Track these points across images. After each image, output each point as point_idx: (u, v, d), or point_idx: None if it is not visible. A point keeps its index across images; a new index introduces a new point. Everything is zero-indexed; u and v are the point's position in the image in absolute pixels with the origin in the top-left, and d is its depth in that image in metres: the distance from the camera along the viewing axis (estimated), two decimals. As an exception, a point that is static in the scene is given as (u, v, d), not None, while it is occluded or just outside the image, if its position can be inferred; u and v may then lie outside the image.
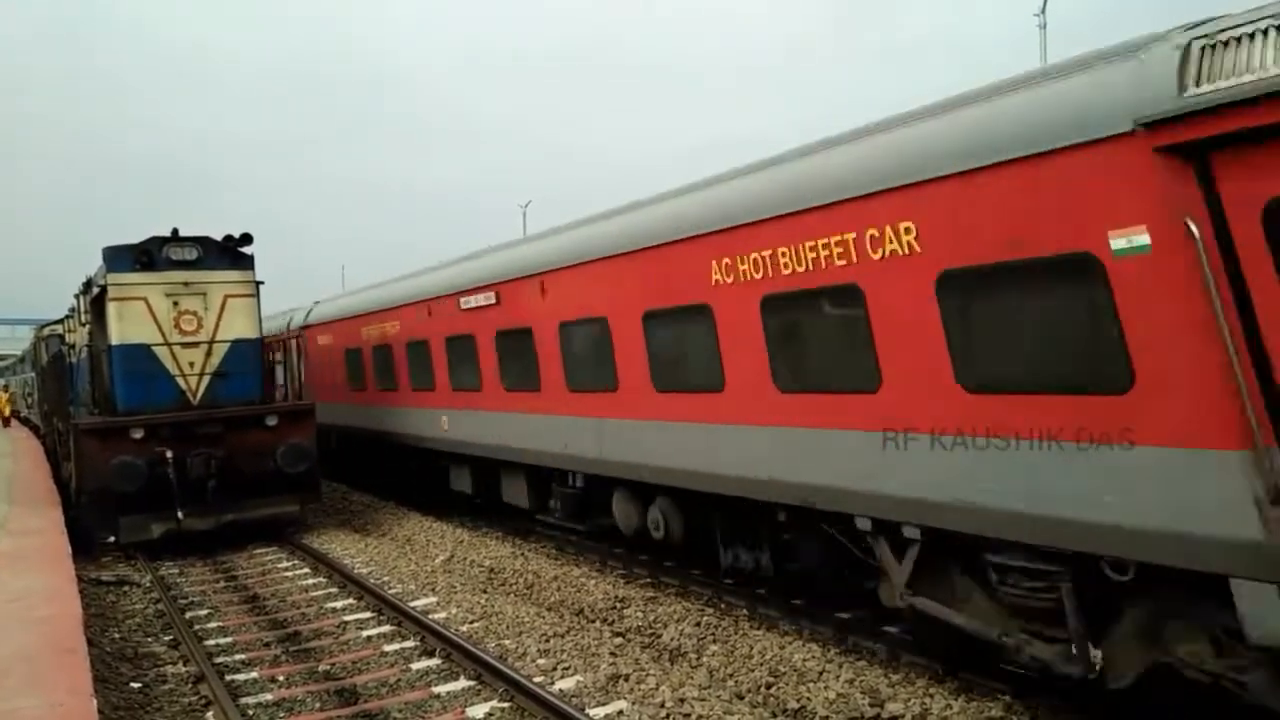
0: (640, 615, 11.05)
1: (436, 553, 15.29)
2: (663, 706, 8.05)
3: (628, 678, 8.80)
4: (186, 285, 17.12)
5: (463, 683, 9.17)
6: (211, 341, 17.22)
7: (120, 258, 16.89)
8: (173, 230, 17.29)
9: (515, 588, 12.96)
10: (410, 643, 10.57)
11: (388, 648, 10.43)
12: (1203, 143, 5.53)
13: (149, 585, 14.25)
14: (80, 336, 20.99)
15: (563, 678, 9.03)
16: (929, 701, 7.93)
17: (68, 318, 24.67)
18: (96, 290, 18.03)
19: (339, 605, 12.50)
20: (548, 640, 10.16)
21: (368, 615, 11.89)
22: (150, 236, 17.09)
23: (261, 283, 17.97)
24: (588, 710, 8.07)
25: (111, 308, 16.85)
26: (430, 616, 11.20)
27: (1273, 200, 5.33)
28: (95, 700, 7.11)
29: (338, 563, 14.68)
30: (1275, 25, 5.39)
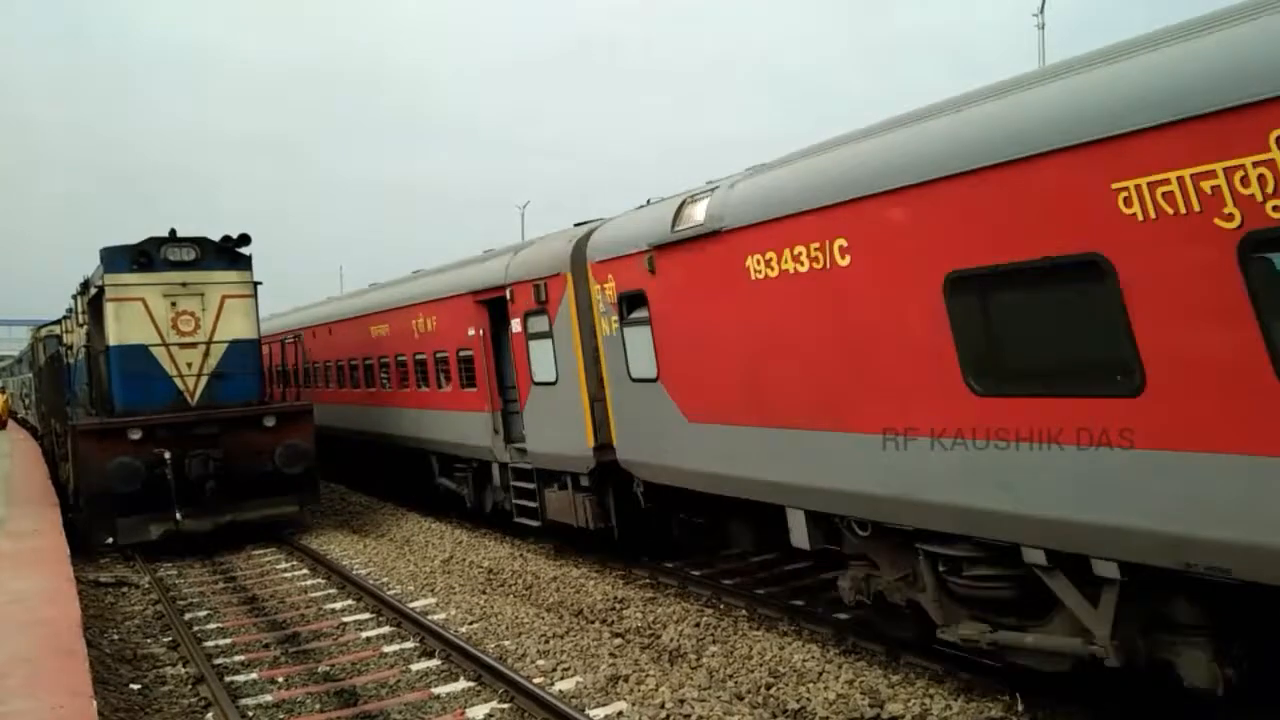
0: (639, 616, 11.06)
1: (435, 554, 15.29)
2: (662, 707, 8.05)
3: (627, 678, 8.80)
4: (184, 286, 17.10)
5: (462, 684, 9.17)
6: (209, 342, 17.21)
7: (118, 258, 16.87)
8: (170, 231, 17.28)
9: (514, 588, 12.96)
10: (410, 644, 10.57)
11: (387, 649, 10.43)
12: None
13: (148, 586, 14.24)
14: (78, 337, 20.98)
15: (562, 678, 9.03)
16: (929, 702, 7.94)
17: (65, 319, 24.64)
18: (94, 291, 18.01)
19: (338, 606, 12.49)
20: (547, 641, 10.16)
21: (367, 616, 11.88)
22: (148, 237, 17.09)
23: (259, 283, 17.98)
24: (588, 711, 8.08)
25: (109, 308, 16.84)
26: (430, 617, 11.20)
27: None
28: (95, 702, 7.10)
29: (337, 564, 14.67)
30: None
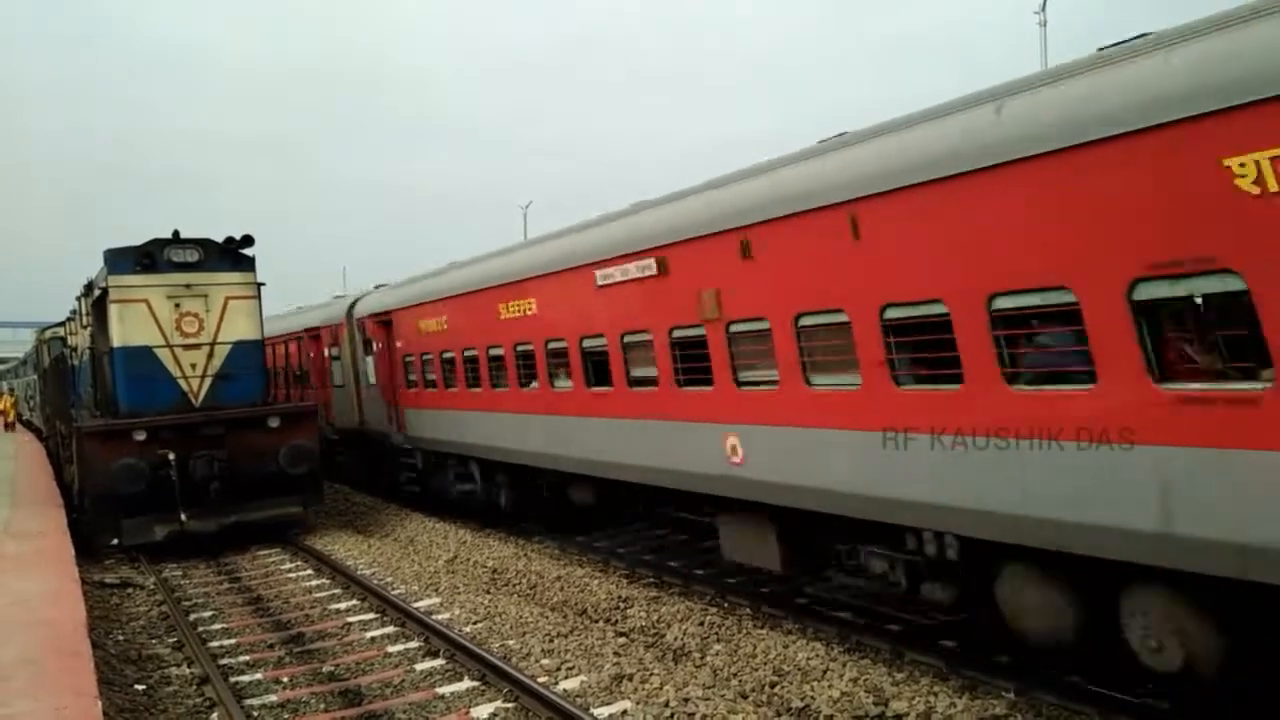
0: (644, 615, 11.05)
1: (439, 554, 15.29)
2: (667, 706, 8.05)
3: (632, 677, 8.80)
4: (188, 287, 17.14)
5: (467, 683, 9.17)
6: (213, 343, 17.24)
7: (122, 260, 16.91)
8: (174, 232, 17.32)
9: (518, 588, 12.96)
10: (414, 643, 10.57)
11: (392, 649, 10.44)
12: None
13: (152, 587, 14.27)
14: (82, 339, 21.03)
15: (567, 678, 9.03)
16: (933, 700, 7.92)
17: (69, 320, 24.71)
18: (98, 293, 18.05)
19: (342, 606, 12.50)
20: (551, 640, 10.16)
21: (371, 616, 11.89)
22: (151, 239, 17.13)
23: (263, 284, 18.01)
24: (592, 710, 8.07)
25: (113, 310, 16.87)
26: (434, 617, 11.21)
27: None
28: (100, 703, 7.12)
29: (341, 564, 14.69)
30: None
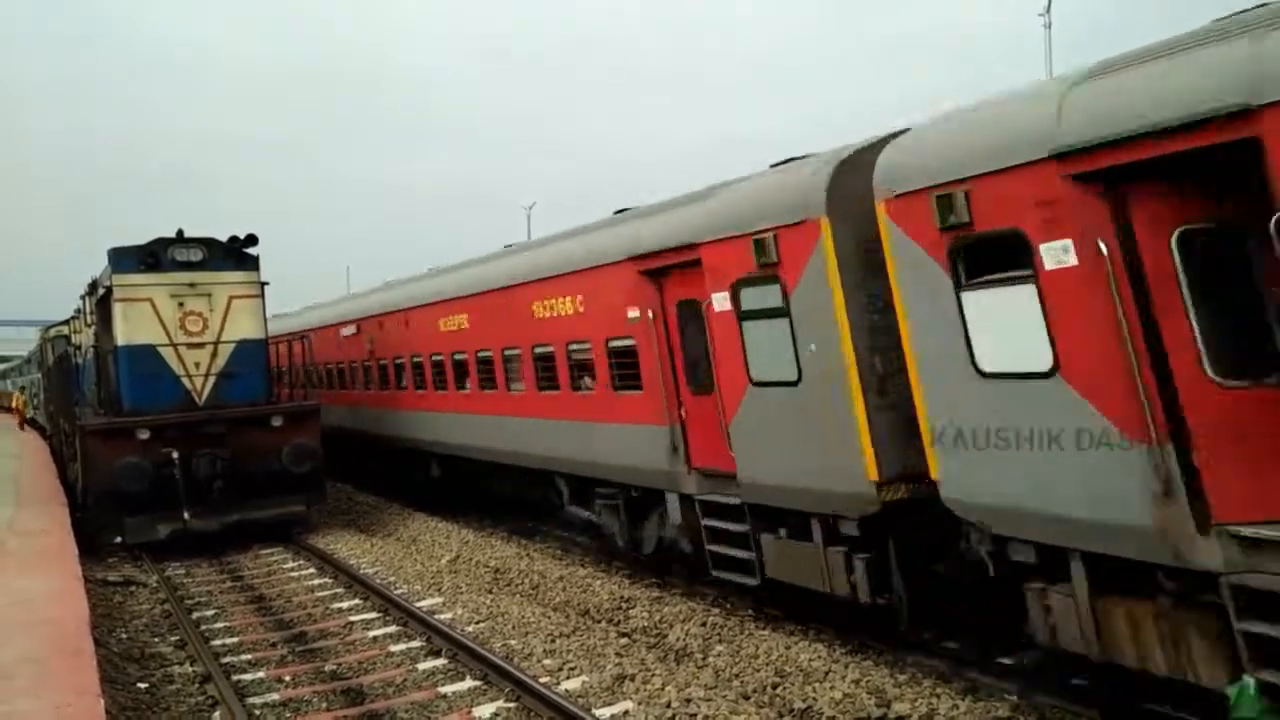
0: (646, 615, 11.05)
1: (442, 553, 15.29)
2: (669, 707, 8.05)
3: (633, 678, 8.80)
4: (192, 286, 17.15)
5: (469, 683, 9.17)
6: (217, 342, 17.25)
7: (126, 259, 16.93)
8: (178, 231, 17.34)
9: (521, 588, 12.96)
10: (416, 643, 10.58)
11: (394, 648, 10.44)
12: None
13: (155, 586, 14.28)
14: (86, 338, 21.06)
15: (569, 678, 9.03)
16: (935, 701, 7.91)
17: (73, 319, 24.75)
18: (102, 291, 18.08)
19: (345, 605, 12.51)
20: (553, 640, 10.16)
21: (374, 615, 11.90)
22: (155, 238, 17.15)
23: (266, 283, 18.02)
24: (594, 710, 8.07)
25: (117, 309, 16.89)
26: (436, 617, 11.21)
27: None
28: (102, 700, 7.13)
29: (343, 563, 14.70)
30: None
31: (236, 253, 17.70)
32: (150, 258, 16.91)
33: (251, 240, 17.71)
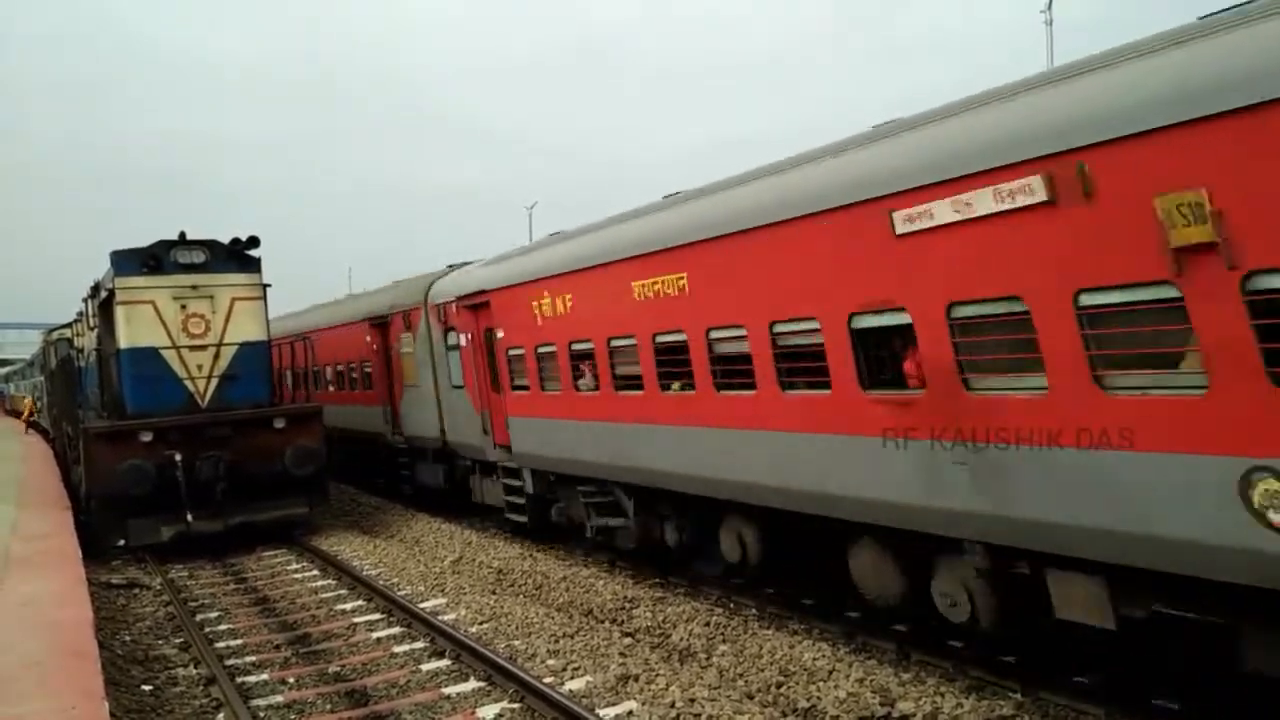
0: (649, 615, 11.05)
1: (445, 554, 15.30)
2: (673, 706, 8.04)
3: (637, 678, 8.79)
4: (194, 288, 17.16)
5: (473, 684, 9.17)
6: (219, 344, 17.26)
7: (128, 261, 16.94)
8: (180, 234, 17.34)
9: (524, 589, 12.96)
10: (420, 644, 10.58)
11: (398, 649, 10.44)
12: None
13: (159, 588, 14.29)
14: (89, 340, 21.08)
15: (572, 678, 9.02)
16: (940, 700, 7.91)
17: (76, 322, 24.76)
18: (104, 294, 18.09)
19: (348, 607, 12.52)
20: (557, 641, 10.16)
21: (377, 617, 11.90)
22: (158, 240, 17.15)
23: (269, 285, 18.04)
24: (598, 710, 8.07)
25: (119, 311, 16.91)
26: (440, 618, 11.21)
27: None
28: (107, 703, 7.14)
29: (347, 564, 14.70)
30: None
31: (239, 255, 17.71)
32: (152, 260, 16.92)
33: (253, 242, 17.72)
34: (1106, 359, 6.42)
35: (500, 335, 15.28)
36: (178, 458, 16.00)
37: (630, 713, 8.08)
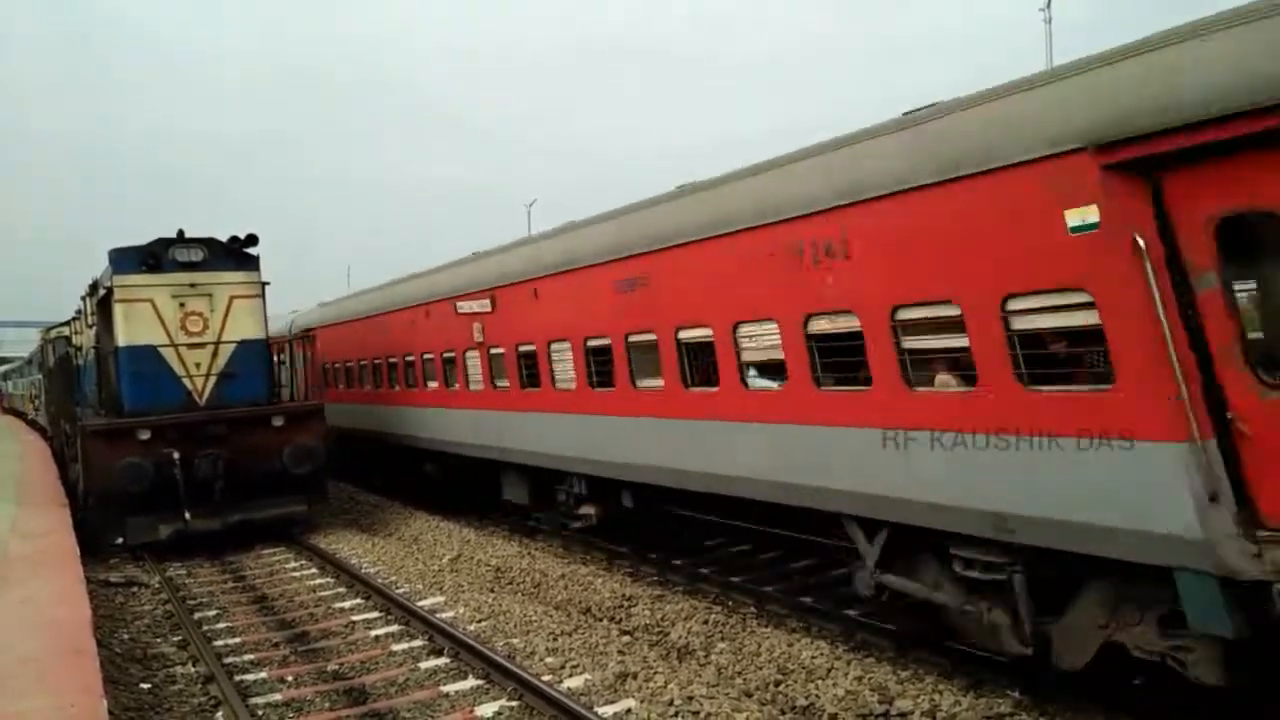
0: (648, 613, 11.05)
1: (443, 552, 15.30)
2: (671, 704, 8.05)
3: (636, 676, 8.80)
4: (192, 286, 17.14)
5: (471, 681, 9.18)
6: (218, 342, 17.24)
7: (126, 260, 16.92)
8: (178, 232, 17.32)
9: (522, 587, 12.97)
10: (418, 642, 10.58)
11: (396, 647, 10.45)
12: None
13: (157, 586, 14.29)
14: (87, 338, 21.04)
15: (571, 676, 9.03)
16: (938, 698, 7.92)
17: (74, 320, 24.72)
18: (103, 292, 18.07)
19: (347, 605, 12.52)
20: (555, 639, 10.16)
21: (376, 615, 11.90)
22: (156, 238, 17.13)
23: (267, 283, 18.02)
24: (596, 708, 8.07)
25: (118, 309, 16.89)
26: (438, 616, 11.22)
27: None
28: (105, 701, 7.13)
29: (345, 562, 14.70)
30: None
31: (237, 253, 17.69)
32: (151, 258, 16.89)
33: (252, 240, 17.70)
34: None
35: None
36: (176, 456, 15.97)
37: (628, 710, 8.08)
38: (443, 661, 9.85)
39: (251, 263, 17.84)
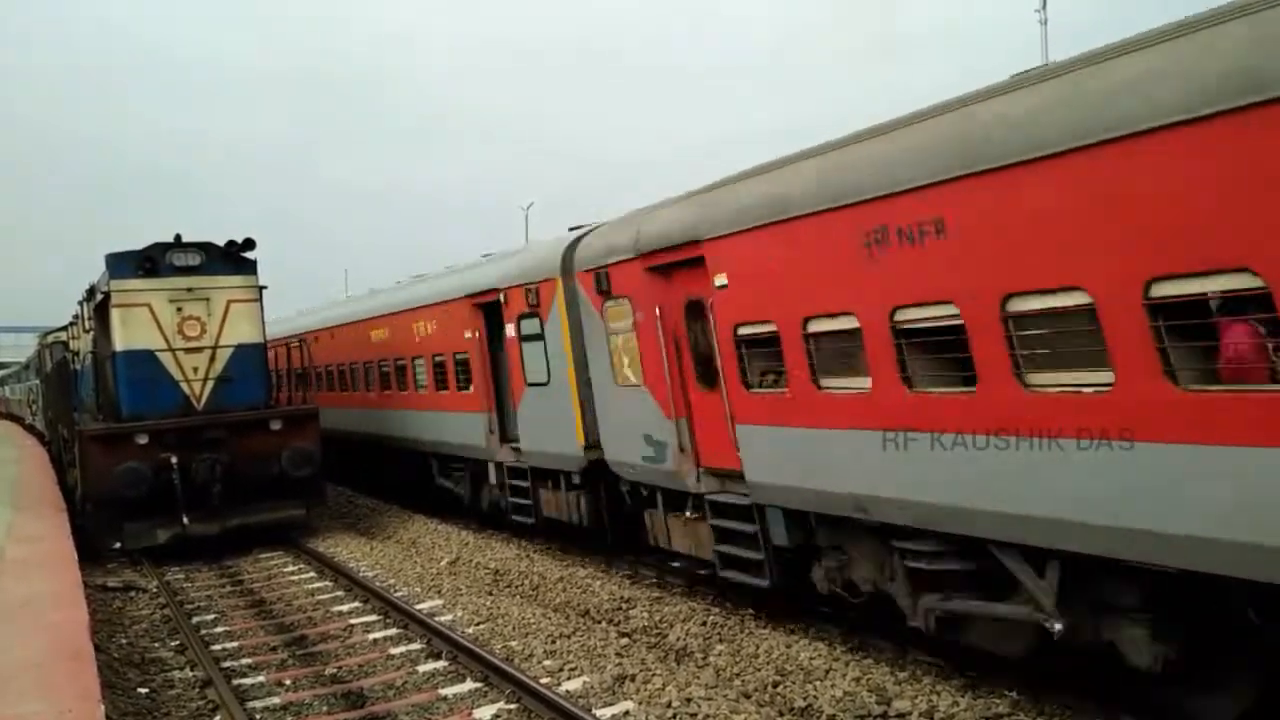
0: (646, 615, 11.06)
1: (442, 555, 15.30)
2: (669, 706, 8.05)
3: (634, 678, 8.80)
4: (190, 291, 17.14)
5: (469, 684, 9.18)
6: (215, 347, 17.23)
7: (123, 264, 16.92)
8: (176, 236, 17.32)
9: (521, 589, 12.97)
10: (417, 645, 10.58)
11: (394, 650, 10.44)
12: None
13: (155, 591, 14.28)
14: (84, 343, 21.03)
15: (569, 679, 9.03)
16: (936, 699, 7.92)
17: (72, 325, 24.71)
18: (100, 297, 18.07)
19: (345, 609, 12.51)
20: (554, 641, 10.17)
21: (374, 618, 11.90)
22: (153, 243, 17.13)
23: (265, 287, 18.02)
24: (594, 711, 8.08)
25: (115, 314, 16.88)
26: (436, 619, 11.22)
27: None
28: (103, 706, 7.12)
29: (343, 566, 14.70)
30: None
31: (234, 257, 17.69)
32: (148, 263, 16.89)
33: (249, 244, 17.70)
34: None
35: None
36: (174, 460, 15.97)
37: (627, 713, 8.09)
38: (441, 664, 9.85)
39: (249, 266, 17.84)
